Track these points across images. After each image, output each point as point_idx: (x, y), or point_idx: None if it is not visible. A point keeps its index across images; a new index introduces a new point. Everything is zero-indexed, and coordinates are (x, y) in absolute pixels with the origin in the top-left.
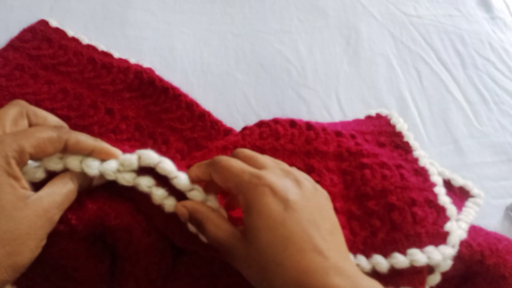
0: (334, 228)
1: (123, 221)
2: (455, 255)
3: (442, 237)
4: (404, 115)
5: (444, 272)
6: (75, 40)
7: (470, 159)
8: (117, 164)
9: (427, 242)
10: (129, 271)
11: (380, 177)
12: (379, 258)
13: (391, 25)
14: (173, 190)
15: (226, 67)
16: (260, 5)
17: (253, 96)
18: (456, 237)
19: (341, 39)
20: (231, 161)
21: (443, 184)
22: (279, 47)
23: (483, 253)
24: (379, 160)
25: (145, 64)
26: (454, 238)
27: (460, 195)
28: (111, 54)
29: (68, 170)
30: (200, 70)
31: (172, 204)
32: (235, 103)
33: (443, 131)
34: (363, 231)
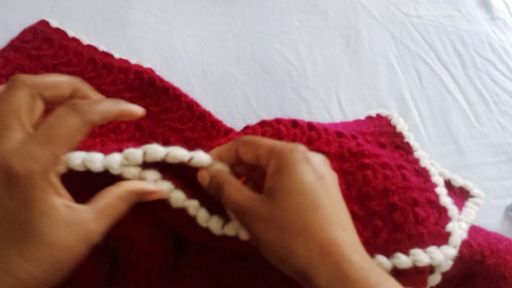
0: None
1: (125, 228)
2: (456, 255)
3: (444, 237)
4: (404, 115)
5: (444, 272)
6: (75, 40)
7: (470, 160)
8: (121, 157)
9: (429, 242)
10: (130, 275)
11: (381, 177)
12: (382, 258)
13: (391, 25)
14: (178, 184)
15: (226, 67)
16: (260, 6)
17: (253, 96)
18: (458, 238)
19: (341, 40)
20: (259, 137)
21: (444, 184)
22: (280, 47)
23: (483, 253)
24: (381, 160)
25: (146, 64)
26: (456, 238)
27: (460, 195)
28: (112, 54)
29: (70, 168)
30: (200, 70)
31: (178, 197)
32: (235, 103)
33: (443, 132)
34: (365, 232)
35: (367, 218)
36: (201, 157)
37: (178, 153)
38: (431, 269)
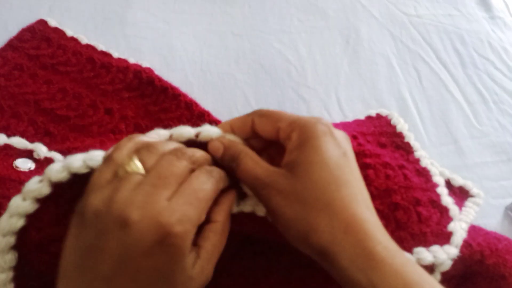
0: None
1: None
2: (457, 255)
3: (446, 237)
4: (404, 115)
5: (444, 271)
6: (74, 39)
7: (470, 159)
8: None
9: (432, 241)
10: None
11: (383, 177)
12: None
13: (391, 25)
14: None
15: (225, 67)
16: (260, 5)
17: (252, 96)
18: (459, 237)
19: (341, 39)
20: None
21: (444, 184)
22: (279, 47)
23: (483, 253)
24: (382, 160)
25: (144, 63)
26: (457, 238)
27: (460, 194)
28: (110, 53)
29: (73, 176)
30: (199, 70)
31: None
32: (234, 103)
33: (443, 131)
34: None
35: None
36: (210, 130)
37: (182, 131)
38: (430, 269)
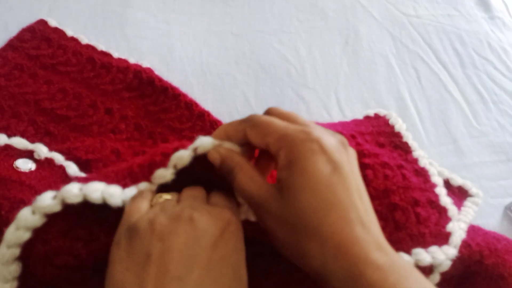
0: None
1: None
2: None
3: (444, 237)
4: (403, 115)
5: (443, 272)
6: (74, 39)
7: (469, 159)
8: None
9: (431, 242)
10: None
11: (382, 177)
12: None
13: (390, 25)
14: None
15: (225, 67)
16: (259, 5)
17: (252, 96)
18: (458, 238)
19: (341, 39)
20: (270, 117)
21: (443, 184)
22: (279, 47)
23: (482, 253)
24: (380, 160)
25: (145, 64)
26: (456, 238)
27: (458, 194)
28: (110, 54)
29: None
30: (199, 70)
31: None
32: (234, 103)
33: (442, 131)
34: None
35: None
36: (205, 143)
37: (182, 155)
38: (429, 270)
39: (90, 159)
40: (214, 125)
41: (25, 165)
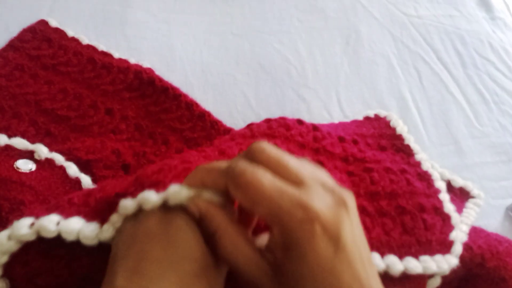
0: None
1: None
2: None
3: (448, 246)
4: (404, 115)
5: (444, 275)
6: (75, 40)
7: (470, 160)
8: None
9: (436, 250)
10: None
11: (388, 180)
12: (394, 258)
13: (391, 25)
14: None
15: (226, 67)
16: (260, 5)
17: (253, 96)
18: (459, 247)
19: (341, 39)
20: (259, 174)
21: (446, 189)
22: (279, 47)
23: (483, 256)
24: (383, 165)
25: (145, 64)
26: (458, 247)
27: (460, 196)
28: (111, 54)
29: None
30: (200, 70)
31: None
32: (235, 103)
33: (443, 132)
34: (377, 228)
35: (378, 216)
36: (178, 194)
37: (149, 199)
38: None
39: (90, 159)
40: (214, 126)
41: (25, 165)
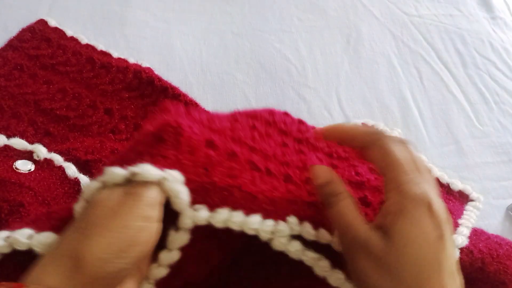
0: None
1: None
2: None
3: None
4: (405, 115)
5: None
6: (74, 39)
7: (471, 160)
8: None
9: None
10: None
11: (373, 178)
12: None
13: (391, 24)
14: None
15: (225, 66)
16: (260, 4)
17: (252, 95)
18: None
19: (342, 39)
20: (403, 153)
21: (442, 191)
22: (279, 46)
23: (484, 260)
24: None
25: (144, 63)
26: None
27: (459, 199)
28: (110, 53)
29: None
30: (199, 69)
31: (324, 265)
32: (234, 102)
33: (444, 132)
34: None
35: (362, 205)
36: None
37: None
38: None
39: (89, 159)
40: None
41: (24, 166)
